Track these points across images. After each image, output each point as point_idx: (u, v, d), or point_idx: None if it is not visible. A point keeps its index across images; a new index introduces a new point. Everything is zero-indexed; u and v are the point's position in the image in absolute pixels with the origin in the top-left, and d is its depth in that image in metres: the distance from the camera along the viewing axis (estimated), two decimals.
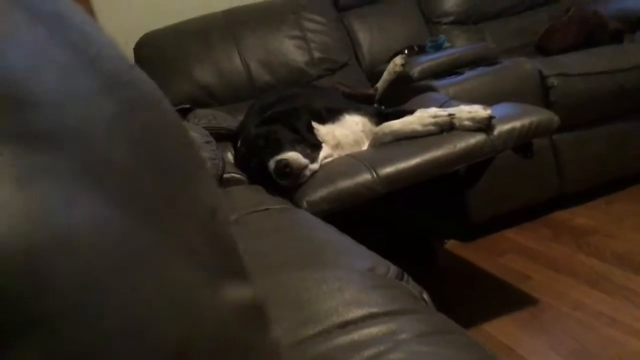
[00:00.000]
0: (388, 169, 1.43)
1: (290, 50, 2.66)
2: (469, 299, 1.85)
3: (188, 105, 2.17)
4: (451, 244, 2.27)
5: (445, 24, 2.92)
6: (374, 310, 0.69)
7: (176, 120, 0.34)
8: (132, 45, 2.59)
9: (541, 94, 2.19)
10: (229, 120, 2.15)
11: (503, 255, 2.07)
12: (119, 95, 0.27)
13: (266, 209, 1.26)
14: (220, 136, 1.94)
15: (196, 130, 1.69)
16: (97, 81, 0.26)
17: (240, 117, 2.14)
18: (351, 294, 0.72)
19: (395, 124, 1.60)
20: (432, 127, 1.54)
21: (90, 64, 0.27)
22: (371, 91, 2.39)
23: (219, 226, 0.34)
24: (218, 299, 0.29)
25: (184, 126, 0.36)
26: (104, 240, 0.21)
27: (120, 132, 0.26)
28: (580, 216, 2.24)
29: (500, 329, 1.63)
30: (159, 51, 2.56)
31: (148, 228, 0.24)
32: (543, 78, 2.19)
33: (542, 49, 2.67)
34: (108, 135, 0.25)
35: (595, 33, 2.47)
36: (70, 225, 0.20)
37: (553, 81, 2.18)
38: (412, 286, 0.83)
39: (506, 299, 1.81)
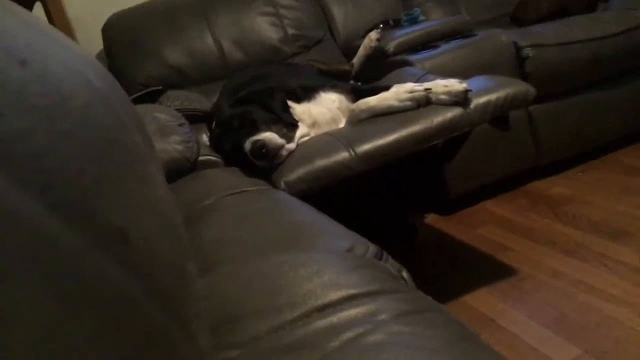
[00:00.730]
0: (365, 146, 1.42)
1: (263, 27, 2.62)
2: (449, 271, 1.87)
3: (160, 87, 2.13)
4: (431, 218, 2.28)
5: None
6: (353, 291, 0.68)
7: (95, 118, 0.30)
8: (100, 27, 2.52)
9: (517, 65, 2.19)
10: (202, 101, 2.11)
11: (481, 226, 2.09)
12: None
13: (243, 191, 1.24)
14: (194, 118, 1.90)
15: (168, 112, 1.65)
16: None
17: (214, 98, 2.10)
18: (329, 276, 0.71)
19: (372, 100, 1.59)
20: (408, 103, 1.53)
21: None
22: (347, 67, 2.37)
23: (135, 248, 0.29)
24: None
25: (111, 123, 0.32)
26: None
27: None
28: (556, 185, 2.26)
29: (480, 300, 1.65)
30: (127, 32, 2.50)
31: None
32: (518, 49, 2.19)
33: (517, 19, 2.66)
34: None
35: (569, 2, 2.47)
36: None
37: (528, 52, 2.18)
38: (391, 265, 0.83)
39: (485, 270, 1.83)
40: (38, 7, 2.42)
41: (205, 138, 1.86)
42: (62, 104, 0.27)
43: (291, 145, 1.52)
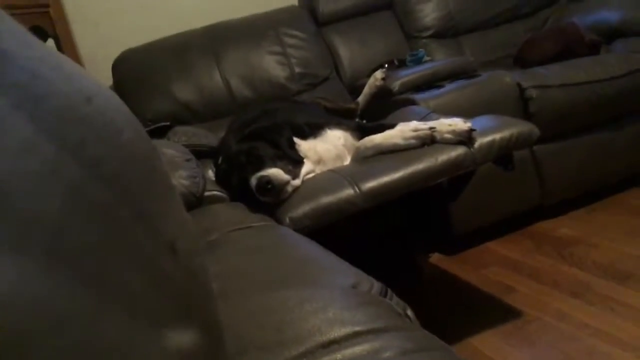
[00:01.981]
0: (370, 184, 1.42)
1: (271, 65, 2.66)
2: (454, 312, 1.84)
3: (168, 123, 2.15)
4: (435, 257, 2.26)
5: (425, 37, 2.94)
6: (358, 328, 0.67)
7: (139, 150, 0.33)
8: (110, 63, 2.57)
9: (521, 105, 2.21)
10: (209, 137, 2.14)
11: (486, 267, 2.08)
12: (63, 134, 0.26)
13: (248, 227, 1.24)
14: (201, 153, 1.92)
15: (176, 147, 1.67)
16: (33, 125, 0.25)
17: (221, 134, 2.12)
18: (334, 312, 0.71)
19: (377, 138, 1.60)
20: (413, 141, 1.55)
21: (32, 104, 0.25)
22: (352, 105, 2.40)
23: (178, 259, 0.32)
24: (159, 348, 0.27)
25: (149, 153, 0.34)
26: (24, 303, 0.20)
27: (53, 182, 0.24)
28: (562, 227, 2.25)
29: (485, 342, 1.62)
30: (138, 68, 2.54)
31: (77, 285, 0.23)
32: (522, 90, 2.21)
33: (521, 61, 2.70)
34: (36, 190, 0.23)
35: (572, 45, 2.51)
36: None
37: (532, 93, 2.20)
38: (395, 302, 0.82)
39: (491, 311, 1.80)
40: (50, 42, 2.47)
41: (211, 173, 1.87)
42: (118, 136, 0.30)
43: (297, 182, 1.53)
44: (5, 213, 0.21)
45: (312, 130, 1.75)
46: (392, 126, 1.61)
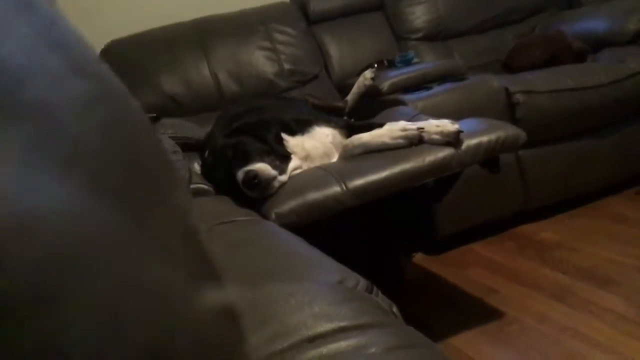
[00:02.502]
0: (357, 182, 1.42)
1: (260, 61, 2.65)
2: (436, 312, 1.85)
3: (155, 115, 2.13)
4: (418, 257, 2.27)
5: (414, 39, 2.95)
6: (344, 323, 0.67)
7: (146, 121, 0.33)
8: (98, 53, 2.54)
9: (507, 110, 2.23)
10: (196, 130, 2.12)
11: (469, 268, 2.09)
12: (87, 82, 0.26)
13: (233, 221, 1.23)
14: (187, 146, 1.90)
15: (162, 140, 1.66)
16: (65, 63, 0.25)
17: (208, 127, 2.11)
18: (320, 307, 0.71)
19: (365, 137, 1.60)
20: (401, 141, 1.55)
21: (56, 45, 0.25)
22: (341, 103, 2.40)
23: (193, 228, 0.32)
24: (196, 301, 0.27)
25: (153, 129, 0.34)
26: (70, 225, 0.19)
27: (90, 118, 0.24)
28: (544, 230, 2.27)
29: (466, 342, 1.64)
30: (125, 58, 2.52)
31: (121, 218, 0.23)
32: (509, 95, 2.23)
33: (508, 66, 2.72)
34: (77, 118, 0.23)
35: (559, 52, 2.53)
36: (30, 207, 0.18)
37: (519, 98, 2.22)
38: (381, 299, 0.82)
39: (472, 312, 1.81)
40: None
41: (197, 167, 1.86)
42: (130, 102, 0.32)
43: (283, 177, 1.53)
44: (55, 133, 0.22)
45: (300, 127, 1.74)
46: (380, 125, 1.61)
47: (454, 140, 1.51)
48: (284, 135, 1.69)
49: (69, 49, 0.26)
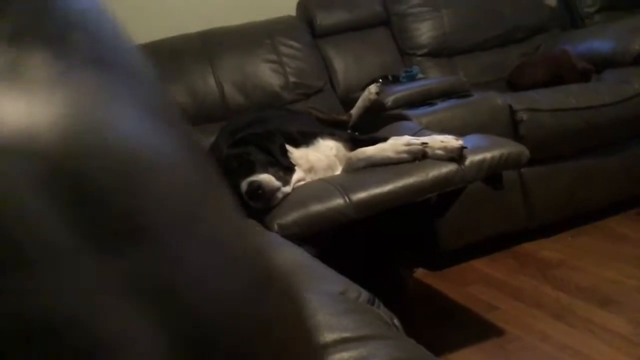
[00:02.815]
0: (361, 195, 1.43)
1: (266, 73, 2.67)
2: (437, 327, 1.84)
3: None
4: (420, 273, 2.27)
5: (419, 55, 2.97)
6: (346, 334, 0.67)
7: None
8: None
9: (511, 127, 2.23)
10: (200, 140, 2.13)
11: (470, 285, 2.08)
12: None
13: None
14: None
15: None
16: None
17: (212, 138, 2.12)
18: (323, 317, 0.71)
19: (369, 150, 1.61)
20: (405, 155, 1.55)
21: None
22: (345, 117, 2.40)
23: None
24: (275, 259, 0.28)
25: None
26: (171, 163, 0.22)
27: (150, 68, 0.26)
28: (546, 249, 2.27)
29: (465, 359, 1.63)
30: None
31: (203, 171, 0.25)
32: (513, 112, 2.24)
33: (512, 84, 2.73)
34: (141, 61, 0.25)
35: (563, 71, 2.54)
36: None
37: (522, 115, 2.23)
38: (383, 311, 0.82)
39: (473, 328, 1.81)
40: None
41: None
42: None
43: (287, 189, 1.53)
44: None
45: (304, 139, 1.75)
46: (384, 139, 1.62)
47: (457, 156, 1.52)
48: (288, 147, 1.69)
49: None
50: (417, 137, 1.61)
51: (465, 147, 1.53)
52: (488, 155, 1.55)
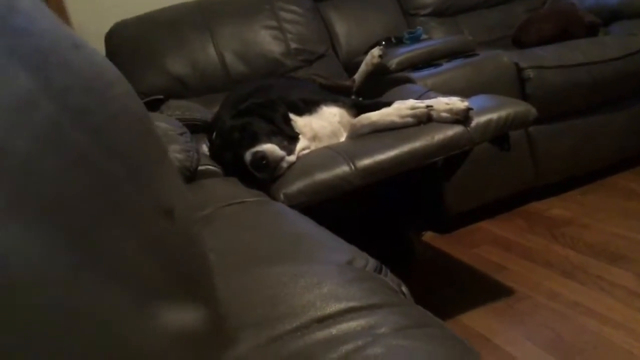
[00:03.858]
0: (366, 161, 1.42)
1: (266, 40, 2.63)
2: (446, 289, 1.86)
3: (161, 96, 2.13)
4: (428, 236, 2.27)
5: (423, 15, 2.92)
6: (353, 304, 0.67)
7: (132, 107, 0.31)
8: (104, 35, 2.53)
9: (518, 86, 2.20)
10: (203, 111, 2.11)
11: (479, 246, 2.09)
12: (45, 74, 0.24)
13: (242, 202, 1.23)
14: (195, 127, 1.90)
15: (170, 121, 1.65)
16: (9, 55, 0.23)
17: (215, 109, 2.10)
18: (329, 287, 0.71)
19: (373, 116, 1.59)
20: (410, 119, 1.53)
21: (9, 35, 0.24)
22: (348, 82, 2.37)
23: (176, 226, 0.31)
24: (151, 326, 0.25)
25: (143, 114, 0.33)
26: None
27: (26, 118, 0.22)
28: (554, 207, 2.26)
29: (476, 320, 1.64)
30: (130, 41, 2.51)
31: (56, 239, 0.21)
32: (519, 70, 2.20)
33: (519, 41, 2.68)
34: (4, 123, 0.21)
35: (570, 26, 2.49)
36: None
37: (529, 73, 2.19)
38: (390, 279, 0.82)
39: (482, 289, 1.82)
40: None
41: (205, 148, 1.86)
42: (109, 89, 0.28)
43: (291, 158, 1.52)
44: None
45: (307, 107, 1.73)
46: (388, 104, 1.60)
47: (463, 118, 1.49)
48: (292, 116, 1.68)
49: (24, 39, 0.24)
50: (421, 100, 1.59)
51: (471, 109, 1.51)
52: (494, 115, 1.52)
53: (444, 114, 1.51)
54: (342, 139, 1.71)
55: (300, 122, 1.68)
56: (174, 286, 0.30)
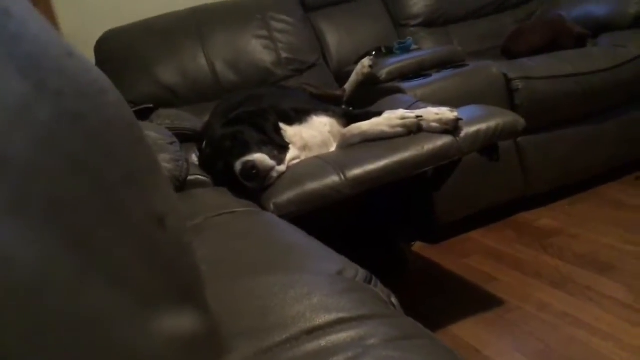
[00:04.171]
0: (356, 171, 1.42)
1: (257, 50, 2.63)
2: (435, 300, 1.85)
3: (151, 105, 2.12)
4: (418, 246, 2.27)
5: (413, 26, 2.93)
6: (343, 315, 0.67)
7: (124, 115, 0.31)
8: (94, 43, 2.52)
9: (507, 96, 2.21)
10: (193, 120, 2.11)
11: (469, 256, 2.09)
12: (40, 79, 0.24)
13: (232, 212, 1.23)
14: (185, 137, 1.89)
15: (159, 130, 1.65)
16: (6, 59, 0.23)
17: (206, 118, 2.10)
18: (319, 298, 0.70)
19: (363, 125, 1.59)
20: (400, 129, 1.54)
21: (5, 40, 0.24)
22: (339, 92, 2.38)
23: (168, 235, 0.30)
24: (149, 331, 0.25)
25: (135, 123, 0.33)
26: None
27: (24, 123, 0.22)
28: (543, 217, 2.27)
29: (466, 330, 1.64)
30: (121, 49, 2.50)
31: (55, 243, 0.21)
32: (508, 81, 2.22)
33: (508, 52, 2.70)
34: (3, 128, 0.21)
35: (559, 37, 2.51)
36: None
37: (518, 84, 2.21)
38: (380, 290, 0.82)
39: (472, 300, 1.82)
40: None
41: (194, 158, 1.85)
42: (102, 96, 0.28)
43: (282, 168, 1.52)
44: None
45: (298, 116, 1.73)
46: (378, 114, 1.60)
47: (452, 128, 1.50)
48: (282, 125, 1.68)
49: (20, 45, 0.24)
50: (411, 110, 1.59)
51: (461, 119, 1.51)
52: (483, 126, 1.53)
53: (434, 124, 1.51)
54: (332, 148, 1.71)
55: (290, 131, 1.68)
56: (169, 292, 0.30)
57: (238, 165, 1.48)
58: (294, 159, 1.59)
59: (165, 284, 0.29)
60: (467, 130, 1.51)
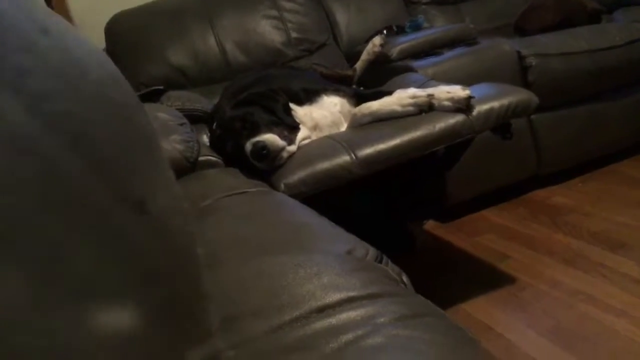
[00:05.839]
0: (366, 151, 1.41)
1: (267, 30, 2.62)
2: (447, 278, 1.86)
3: (161, 87, 2.12)
4: (430, 225, 2.27)
5: (424, 4, 2.90)
6: (353, 293, 0.67)
7: (114, 95, 0.30)
8: (102, 26, 2.51)
9: (519, 74, 2.19)
10: (203, 102, 2.11)
11: (481, 235, 2.09)
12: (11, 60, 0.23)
13: (243, 192, 1.23)
14: (195, 118, 1.90)
15: (170, 112, 1.65)
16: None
17: (216, 99, 2.10)
18: (329, 277, 0.71)
19: (374, 105, 1.58)
20: (411, 108, 1.53)
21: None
22: (349, 72, 2.36)
23: (149, 219, 0.29)
24: (84, 327, 0.24)
25: (126, 103, 0.32)
26: None
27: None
28: (556, 195, 2.26)
29: (478, 308, 1.64)
30: (131, 31, 2.50)
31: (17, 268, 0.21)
32: (521, 58, 2.19)
33: (520, 29, 2.66)
34: None
35: (573, 14, 2.47)
36: None
37: (531, 61, 2.18)
38: (391, 268, 0.82)
39: (484, 278, 1.82)
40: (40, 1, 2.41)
41: (205, 139, 1.85)
42: (81, 76, 0.28)
43: (292, 148, 1.52)
44: None
45: (308, 96, 1.72)
46: (389, 93, 1.59)
47: (464, 106, 1.49)
48: (292, 105, 1.67)
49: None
50: (423, 89, 1.58)
51: (473, 97, 1.50)
52: (496, 104, 1.51)
53: (446, 103, 1.50)
54: (343, 128, 1.71)
55: (300, 111, 1.67)
56: (123, 282, 0.28)
57: (248, 146, 1.48)
58: (304, 139, 1.59)
59: (124, 272, 0.28)
60: (479, 109, 1.49)
